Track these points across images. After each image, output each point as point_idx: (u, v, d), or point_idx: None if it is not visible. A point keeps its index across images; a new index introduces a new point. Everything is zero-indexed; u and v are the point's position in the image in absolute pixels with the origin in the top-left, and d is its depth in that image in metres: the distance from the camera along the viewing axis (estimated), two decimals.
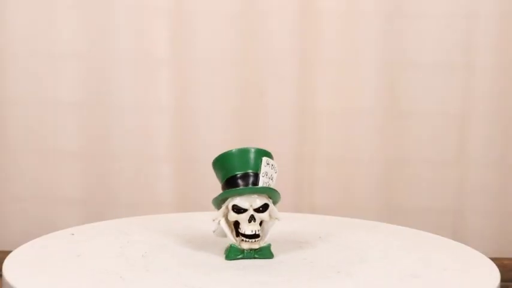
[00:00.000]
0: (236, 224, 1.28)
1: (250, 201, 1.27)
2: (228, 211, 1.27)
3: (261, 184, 1.28)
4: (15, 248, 1.33)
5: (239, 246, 1.28)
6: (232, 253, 1.28)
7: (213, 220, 1.28)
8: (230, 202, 1.27)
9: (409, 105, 2.28)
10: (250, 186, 1.27)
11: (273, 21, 2.24)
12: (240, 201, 1.27)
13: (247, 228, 1.27)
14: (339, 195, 2.31)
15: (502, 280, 1.24)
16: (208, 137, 2.28)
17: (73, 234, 1.40)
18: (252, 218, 1.27)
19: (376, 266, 1.26)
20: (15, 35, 2.24)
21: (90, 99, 2.27)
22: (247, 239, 1.27)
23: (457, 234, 2.29)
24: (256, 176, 1.28)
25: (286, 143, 2.27)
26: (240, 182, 1.28)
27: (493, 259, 1.32)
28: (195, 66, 2.26)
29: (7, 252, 1.31)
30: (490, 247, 2.29)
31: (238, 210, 1.27)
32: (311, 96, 2.27)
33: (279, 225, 1.30)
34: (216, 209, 1.29)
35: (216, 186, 1.33)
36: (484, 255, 1.33)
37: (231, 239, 1.28)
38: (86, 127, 2.28)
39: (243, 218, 1.27)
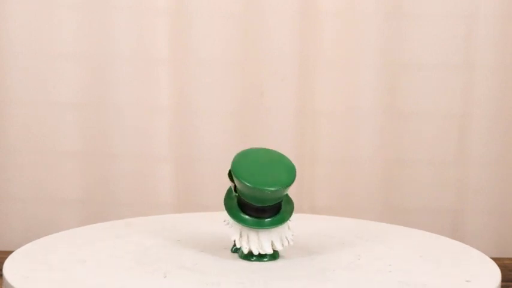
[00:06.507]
0: None
1: None
2: None
3: None
4: (15, 248, 1.33)
5: None
6: None
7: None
8: None
9: (409, 105, 2.28)
10: None
11: (273, 21, 2.24)
12: None
13: None
14: (339, 196, 2.31)
15: (503, 280, 1.24)
16: (208, 137, 2.28)
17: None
18: None
19: (376, 266, 1.26)
20: (15, 35, 2.24)
21: (90, 99, 2.27)
22: None
23: (457, 234, 2.29)
24: None
25: (286, 143, 2.27)
26: None
27: (494, 259, 1.32)
28: (195, 66, 2.26)
29: (7, 252, 1.31)
30: (490, 247, 2.29)
31: None
32: (311, 96, 2.28)
33: None
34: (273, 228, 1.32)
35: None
36: (484, 255, 1.33)
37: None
38: (86, 127, 2.28)
39: None
